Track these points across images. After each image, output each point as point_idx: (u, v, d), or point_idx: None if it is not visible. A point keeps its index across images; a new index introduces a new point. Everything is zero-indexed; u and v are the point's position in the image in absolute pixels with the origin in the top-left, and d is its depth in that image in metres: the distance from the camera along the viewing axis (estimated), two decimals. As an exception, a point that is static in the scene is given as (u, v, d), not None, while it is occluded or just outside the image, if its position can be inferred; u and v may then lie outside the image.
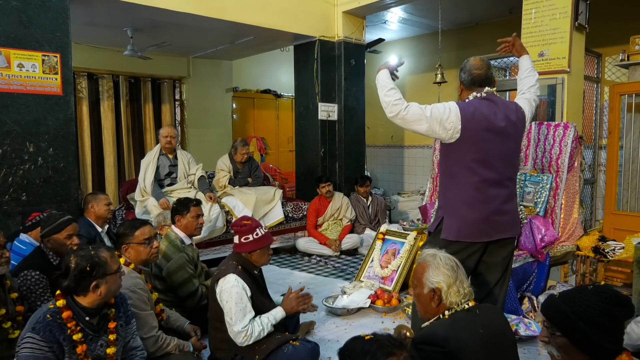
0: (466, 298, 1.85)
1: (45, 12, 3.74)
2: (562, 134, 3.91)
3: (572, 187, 3.93)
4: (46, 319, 1.82)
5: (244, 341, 2.42)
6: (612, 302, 1.42)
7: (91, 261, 1.87)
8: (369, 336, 1.36)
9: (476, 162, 2.34)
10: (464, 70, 2.49)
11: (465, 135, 2.30)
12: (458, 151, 2.36)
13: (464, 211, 2.38)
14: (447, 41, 6.73)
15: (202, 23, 5.09)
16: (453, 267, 1.87)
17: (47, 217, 2.70)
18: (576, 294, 1.49)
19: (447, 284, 1.82)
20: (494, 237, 2.40)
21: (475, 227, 2.37)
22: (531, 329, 3.00)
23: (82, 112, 6.65)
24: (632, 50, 4.36)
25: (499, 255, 2.50)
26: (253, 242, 2.56)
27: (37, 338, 1.77)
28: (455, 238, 2.37)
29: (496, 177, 2.37)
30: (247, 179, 5.47)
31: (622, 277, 3.67)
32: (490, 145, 2.34)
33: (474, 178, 2.34)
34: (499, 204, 2.39)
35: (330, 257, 5.25)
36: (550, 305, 1.51)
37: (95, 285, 1.87)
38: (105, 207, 3.62)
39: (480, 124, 2.32)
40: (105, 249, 1.98)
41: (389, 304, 3.56)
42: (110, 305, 2.02)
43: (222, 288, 2.46)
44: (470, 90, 2.46)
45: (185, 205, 3.20)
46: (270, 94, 8.64)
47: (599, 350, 1.42)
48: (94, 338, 1.93)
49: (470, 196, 2.36)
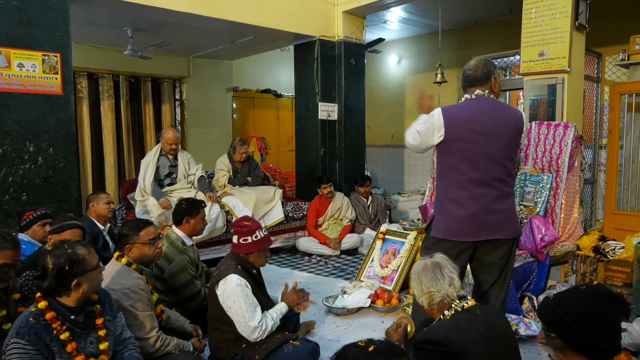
0: (454, 295, 1.91)
1: (45, 12, 3.74)
2: (562, 133, 3.91)
3: (572, 187, 3.93)
4: (29, 322, 1.79)
5: (258, 336, 2.43)
6: (604, 302, 1.42)
7: (69, 259, 1.83)
8: (362, 342, 1.27)
9: (461, 162, 2.39)
10: (463, 72, 2.52)
11: (448, 136, 2.37)
12: (445, 151, 2.43)
13: (450, 209, 2.43)
14: (447, 41, 6.72)
15: (202, 23, 5.09)
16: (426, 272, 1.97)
17: (61, 216, 2.77)
18: (568, 295, 1.49)
19: (420, 291, 1.95)
20: (481, 237, 2.41)
21: (461, 225, 2.40)
22: (531, 328, 3.00)
23: (82, 112, 6.66)
24: (632, 49, 4.36)
25: (494, 255, 2.49)
26: (251, 244, 2.56)
27: (23, 342, 1.74)
28: (443, 236, 2.43)
29: (482, 177, 2.38)
30: (247, 178, 5.47)
31: (622, 277, 3.67)
32: (475, 146, 2.36)
33: (460, 177, 2.40)
34: (486, 203, 2.39)
35: (330, 256, 5.25)
36: (544, 308, 1.52)
37: (76, 284, 1.85)
38: (106, 205, 3.64)
39: (463, 125, 2.36)
40: (82, 245, 1.95)
41: (389, 304, 3.56)
42: (94, 302, 2.00)
43: (225, 289, 2.45)
44: (466, 91, 2.50)
45: (195, 207, 3.20)
46: (270, 93, 8.64)
47: (594, 350, 1.42)
48: (82, 335, 1.91)
49: (456, 194, 2.41)
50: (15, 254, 2.13)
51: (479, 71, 2.44)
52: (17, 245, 2.15)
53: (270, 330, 2.48)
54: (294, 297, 2.69)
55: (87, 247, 1.95)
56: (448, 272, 1.93)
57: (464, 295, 1.95)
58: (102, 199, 3.64)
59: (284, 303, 2.65)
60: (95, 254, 1.97)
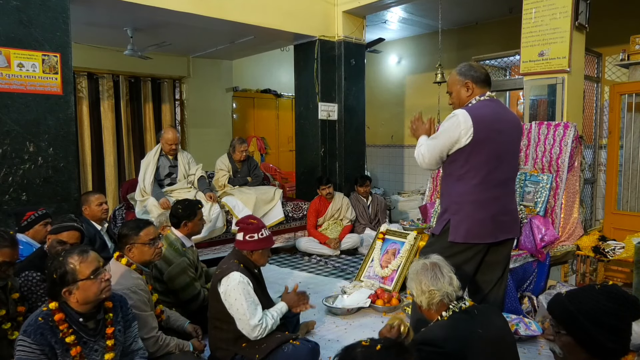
0: (454, 295, 1.91)
1: (45, 12, 3.74)
2: (562, 133, 3.91)
3: (572, 187, 3.93)
4: (38, 321, 1.80)
5: (258, 335, 2.44)
6: (619, 302, 1.42)
7: (58, 269, 1.84)
8: (366, 342, 1.25)
9: (486, 163, 2.40)
10: (472, 69, 2.51)
11: (476, 137, 2.35)
12: (468, 153, 2.39)
13: (471, 211, 2.42)
14: (447, 41, 6.72)
15: (202, 23, 5.09)
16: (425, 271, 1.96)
17: (62, 216, 2.76)
18: (583, 293, 1.48)
19: (419, 291, 1.94)
20: (499, 237, 2.47)
21: (482, 227, 2.42)
22: (531, 328, 3.00)
23: (82, 112, 6.66)
24: (632, 49, 4.36)
25: (500, 254, 2.55)
26: (257, 241, 2.59)
27: (29, 341, 1.75)
28: (464, 240, 2.42)
29: (501, 177, 2.44)
30: (247, 178, 5.47)
31: (622, 277, 3.67)
32: (495, 146, 2.41)
33: (483, 178, 2.40)
34: (503, 203, 2.47)
35: (330, 256, 5.25)
36: (557, 304, 1.50)
37: (67, 292, 1.84)
38: (98, 207, 3.60)
39: (489, 125, 2.39)
40: (77, 253, 1.90)
41: (389, 304, 3.56)
42: (107, 310, 1.99)
43: (228, 287, 2.46)
44: (482, 89, 2.49)
45: (192, 210, 3.19)
46: (270, 93, 8.63)
47: (603, 350, 1.41)
48: (88, 342, 1.91)
49: (478, 196, 2.42)
50: (14, 253, 2.14)
51: (487, 75, 2.51)
52: (15, 243, 2.16)
53: (271, 329, 2.49)
54: (295, 299, 2.71)
55: (82, 256, 1.90)
56: (447, 271, 1.94)
57: (462, 296, 1.95)
58: (92, 201, 3.60)
59: (284, 303, 2.67)
60: (91, 263, 1.90)
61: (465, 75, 2.50)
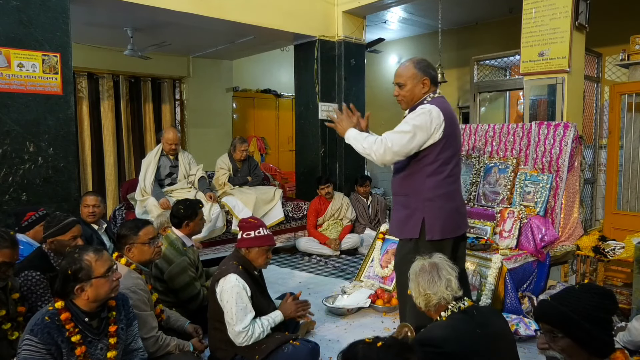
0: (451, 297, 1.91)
1: (45, 12, 3.74)
2: (562, 133, 3.91)
3: (572, 187, 3.93)
4: (44, 321, 1.81)
5: (243, 341, 2.43)
6: (601, 296, 1.48)
7: (73, 265, 1.85)
8: (369, 339, 1.28)
9: (450, 158, 2.48)
10: (430, 67, 2.53)
11: (445, 132, 2.41)
12: (438, 148, 2.43)
13: (443, 203, 2.47)
14: (447, 41, 6.72)
15: (202, 23, 5.09)
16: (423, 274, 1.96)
17: (52, 217, 2.64)
18: (567, 294, 1.51)
19: (417, 293, 1.95)
20: (463, 229, 2.61)
21: (453, 219, 2.50)
22: (531, 328, 3.00)
23: (82, 112, 6.66)
24: (632, 49, 4.36)
25: (463, 248, 2.71)
26: (253, 238, 2.58)
27: (35, 340, 1.76)
28: (441, 236, 2.46)
29: (458, 171, 2.58)
30: (247, 177, 5.48)
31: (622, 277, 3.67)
32: (457, 141, 2.54)
33: (448, 172, 2.48)
34: (460, 196, 2.63)
35: (330, 256, 5.25)
36: (548, 309, 1.51)
37: (80, 289, 1.85)
38: (84, 208, 3.55)
39: (452, 120, 2.48)
40: (92, 251, 1.93)
41: (389, 304, 3.56)
42: (111, 308, 2.01)
43: (222, 288, 2.47)
44: (434, 87, 2.55)
45: (193, 210, 3.20)
46: (270, 93, 8.64)
47: (600, 344, 1.44)
48: (93, 341, 1.92)
49: (446, 189, 2.49)
50: (14, 253, 2.14)
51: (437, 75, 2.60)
52: (15, 244, 2.16)
53: (258, 337, 2.46)
54: (292, 308, 2.70)
55: (97, 254, 1.93)
56: (446, 273, 1.92)
57: (461, 296, 1.94)
58: (82, 202, 3.59)
59: (279, 312, 2.65)
60: (105, 262, 1.93)
61: (425, 72, 2.48)
